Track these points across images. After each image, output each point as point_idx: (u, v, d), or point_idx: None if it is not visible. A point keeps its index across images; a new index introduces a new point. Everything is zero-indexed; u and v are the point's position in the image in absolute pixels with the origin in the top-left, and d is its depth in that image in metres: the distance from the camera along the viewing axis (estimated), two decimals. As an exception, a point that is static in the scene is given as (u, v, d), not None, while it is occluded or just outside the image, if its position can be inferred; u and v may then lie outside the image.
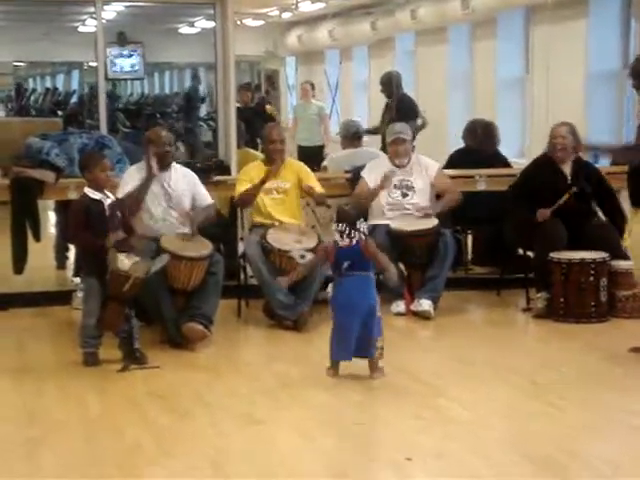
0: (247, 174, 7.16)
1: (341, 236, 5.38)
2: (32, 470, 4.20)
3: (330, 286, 5.55)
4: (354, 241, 5.37)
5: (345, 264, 5.37)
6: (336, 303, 5.43)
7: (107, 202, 5.78)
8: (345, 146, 8.66)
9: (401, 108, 10.44)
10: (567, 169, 7.10)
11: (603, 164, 9.55)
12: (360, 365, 5.47)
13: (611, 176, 7.61)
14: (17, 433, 4.71)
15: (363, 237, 5.39)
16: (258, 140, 10.13)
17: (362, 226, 5.41)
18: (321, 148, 12.57)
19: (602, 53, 10.65)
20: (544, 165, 7.15)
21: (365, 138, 9.34)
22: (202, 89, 18.62)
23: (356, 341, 5.35)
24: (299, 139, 12.94)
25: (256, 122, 11.47)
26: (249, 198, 7.06)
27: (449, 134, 12.45)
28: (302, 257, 6.40)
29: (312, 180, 7.16)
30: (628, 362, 5.78)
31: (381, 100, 11.11)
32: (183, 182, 6.71)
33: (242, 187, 7.06)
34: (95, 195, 5.76)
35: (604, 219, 7.23)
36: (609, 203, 7.16)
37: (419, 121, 10.80)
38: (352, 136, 8.62)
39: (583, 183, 7.04)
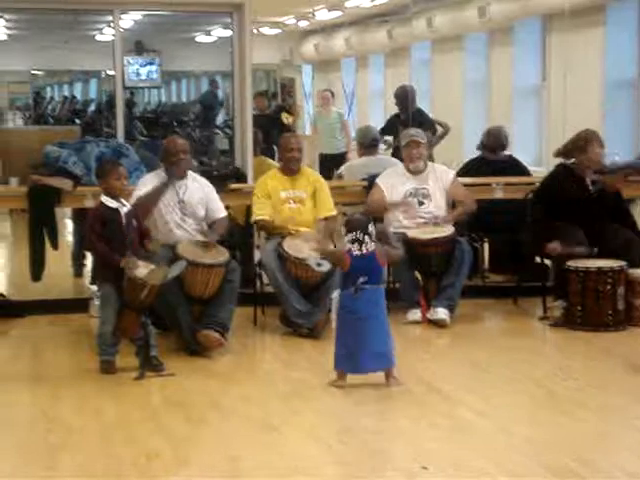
0: (263, 188, 7.13)
1: (354, 244, 5.38)
2: (51, 475, 4.20)
3: (335, 295, 5.51)
4: (369, 249, 5.36)
5: (361, 279, 5.35)
6: (350, 316, 5.37)
7: (124, 210, 5.80)
8: (362, 153, 8.66)
9: (415, 121, 10.43)
10: (588, 177, 7.08)
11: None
12: (374, 373, 5.47)
13: (632, 184, 7.60)
14: (36, 440, 4.73)
15: (373, 244, 5.38)
16: (274, 147, 10.15)
17: (372, 230, 5.42)
18: (343, 155, 12.54)
19: (619, 61, 10.63)
20: (566, 175, 7.12)
21: (381, 146, 9.34)
22: (220, 94, 18.67)
23: (375, 355, 5.33)
24: (320, 147, 12.88)
25: (272, 130, 11.49)
26: (265, 229, 7.11)
27: (465, 142, 12.44)
28: (318, 265, 6.40)
29: (325, 194, 7.15)
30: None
31: (397, 108, 11.10)
32: (199, 192, 6.72)
33: (262, 207, 7.03)
34: (112, 203, 5.78)
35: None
36: (624, 223, 7.12)
37: (440, 129, 10.76)
38: (369, 143, 8.63)
39: (607, 195, 7.03)
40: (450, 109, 13.94)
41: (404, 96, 10.64)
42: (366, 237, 5.37)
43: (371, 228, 5.41)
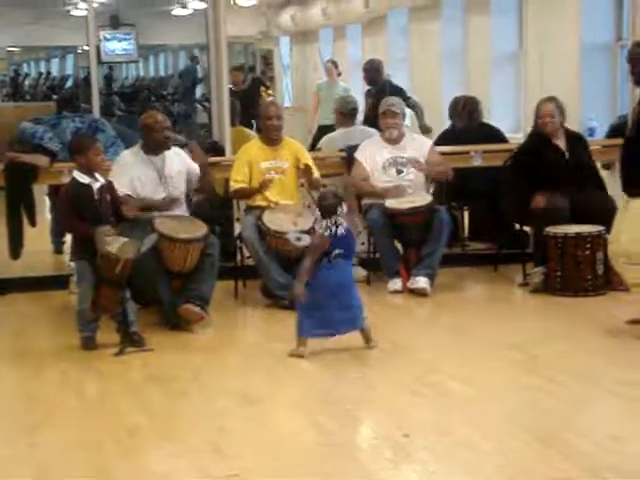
0: (246, 154, 7.10)
1: (331, 228, 5.43)
2: (33, 452, 4.20)
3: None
4: (344, 230, 5.43)
5: (337, 251, 5.41)
6: (321, 284, 5.40)
7: (96, 186, 5.76)
8: (340, 123, 8.61)
9: (385, 94, 10.40)
10: (561, 142, 7.10)
11: (598, 138, 9.56)
12: (355, 343, 5.48)
13: (607, 149, 7.62)
14: (17, 416, 4.74)
15: (344, 223, 5.45)
16: (252, 122, 10.10)
17: (342, 210, 5.48)
18: None
19: (595, 26, 10.60)
20: (538, 141, 7.14)
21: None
22: (199, 69, 18.58)
23: (341, 319, 5.42)
24: (322, 118, 12.66)
25: (248, 104, 11.40)
26: (245, 196, 7.06)
27: (444, 111, 12.41)
28: (298, 239, 6.39)
29: (308, 160, 7.12)
30: (626, 334, 5.78)
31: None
32: (177, 162, 6.67)
33: (239, 173, 7.01)
34: (84, 179, 5.75)
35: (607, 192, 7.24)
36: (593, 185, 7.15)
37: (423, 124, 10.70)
38: (349, 112, 8.57)
39: (579, 153, 7.06)
40: (428, 77, 13.89)
41: (374, 69, 10.61)
42: (340, 218, 5.44)
43: (343, 209, 5.47)
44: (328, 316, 5.40)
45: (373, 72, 10.56)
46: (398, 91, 10.42)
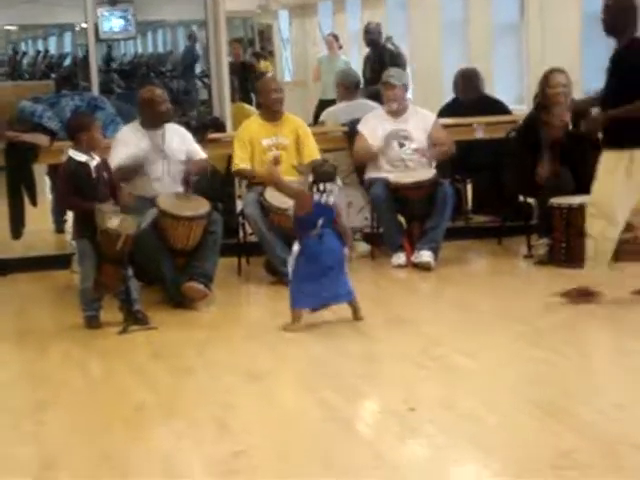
0: (246, 132, 7.05)
1: (320, 194, 5.44)
2: (39, 431, 4.20)
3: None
4: (331, 201, 5.43)
5: (321, 221, 5.44)
6: (312, 254, 5.46)
7: (93, 164, 5.73)
8: (342, 96, 8.55)
9: (383, 59, 10.39)
10: (565, 116, 7.05)
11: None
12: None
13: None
14: (23, 396, 4.74)
15: (332, 198, 5.46)
16: (252, 95, 10.05)
17: (335, 187, 5.48)
18: None
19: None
20: (542, 113, 7.09)
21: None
22: (198, 47, 18.50)
23: (333, 290, 5.47)
24: (323, 92, 12.59)
25: (247, 77, 11.36)
26: (248, 177, 7.03)
27: (444, 84, 12.36)
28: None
29: (309, 140, 7.07)
30: (630, 305, 5.78)
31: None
32: (177, 139, 6.65)
33: (241, 151, 6.96)
34: (81, 157, 5.71)
35: None
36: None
37: None
38: (351, 85, 8.51)
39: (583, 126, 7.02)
40: (428, 50, 13.82)
41: (372, 31, 10.64)
42: (331, 188, 5.45)
43: (337, 182, 5.48)
44: (320, 288, 5.43)
45: (371, 34, 10.59)
46: (395, 56, 10.44)
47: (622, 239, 6.74)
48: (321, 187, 5.44)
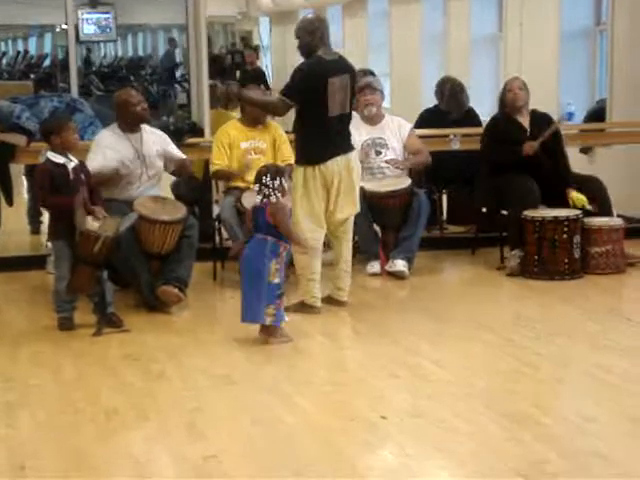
0: (225, 136, 7.07)
1: (257, 194, 5.34)
2: (9, 433, 4.19)
3: None
4: (264, 201, 5.31)
5: (253, 224, 5.36)
6: (249, 264, 5.35)
7: (71, 165, 5.72)
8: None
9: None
10: (525, 121, 7.16)
11: (576, 122, 9.59)
12: (333, 325, 5.48)
13: (585, 134, 7.65)
14: (-7, 398, 4.71)
15: (274, 198, 5.29)
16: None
17: (274, 183, 5.30)
18: None
19: (575, 10, 10.63)
20: (502, 120, 7.21)
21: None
22: (178, 52, 18.51)
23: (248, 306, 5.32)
24: None
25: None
26: (224, 177, 7.05)
27: (423, 94, 12.41)
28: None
29: (285, 145, 7.11)
30: (602, 318, 5.84)
31: (355, 61, 11.00)
32: (155, 142, 6.65)
33: (219, 154, 7.00)
34: (58, 159, 5.71)
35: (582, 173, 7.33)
36: (557, 161, 7.20)
37: None
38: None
39: (541, 132, 7.10)
40: (408, 61, 13.86)
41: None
42: (263, 188, 5.30)
43: (268, 182, 5.29)
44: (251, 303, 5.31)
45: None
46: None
47: (595, 252, 6.84)
48: (256, 188, 5.37)
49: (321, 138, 5.91)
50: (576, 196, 6.93)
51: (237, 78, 15.17)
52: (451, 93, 8.37)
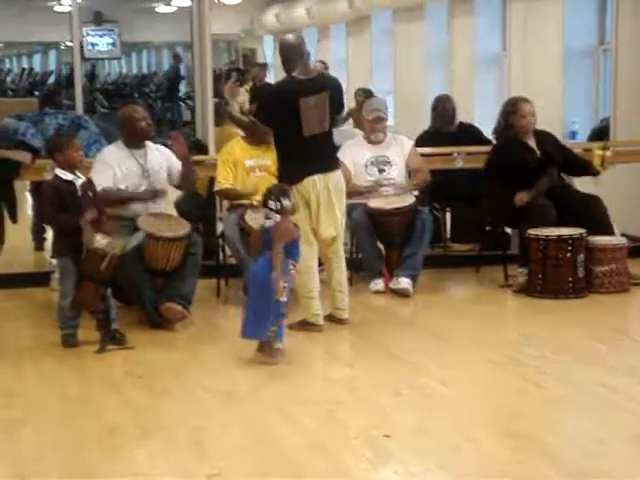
0: (230, 154, 7.09)
1: (266, 217, 5.36)
2: (13, 450, 4.18)
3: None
4: (270, 224, 5.32)
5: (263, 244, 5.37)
6: (257, 280, 5.36)
7: (78, 182, 5.73)
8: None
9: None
10: (532, 142, 7.17)
11: (579, 140, 9.61)
12: (336, 343, 5.47)
13: (589, 152, 7.65)
14: (-3, 414, 4.71)
15: (273, 219, 5.29)
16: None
17: (276, 204, 5.30)
18: None
19: (578, 29, 10.66)
20: (513, 143, 7.18)
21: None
22: (182, 68, 18.56)
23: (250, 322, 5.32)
24: None
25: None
26: (231, 197, 7.06)
27: (427, 112, 12.43)
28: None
29: None
30: (607, 337, 5.83)
31: (359, 79, 11.07)
32: (158, 157, 6.65)
33: (224, 172, 7.01)
34: (67, 176, 5.71)
35: (583, 191, 7.32)
36: (574, 160, 7.23)
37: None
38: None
39: (549, 150, 7.11)
40: (412, 79, 13.90)
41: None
42: (268, 212, 5.31)
43: (273, 204, 5.29)
44: (262, 319, 5.30)
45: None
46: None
47: (599, 271, 6.83)
48: (265, 210, 5.38)
49: (297, 158, 5.93)
50: (598, 154, 7.07)
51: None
52: (434, 107, 8.48)
